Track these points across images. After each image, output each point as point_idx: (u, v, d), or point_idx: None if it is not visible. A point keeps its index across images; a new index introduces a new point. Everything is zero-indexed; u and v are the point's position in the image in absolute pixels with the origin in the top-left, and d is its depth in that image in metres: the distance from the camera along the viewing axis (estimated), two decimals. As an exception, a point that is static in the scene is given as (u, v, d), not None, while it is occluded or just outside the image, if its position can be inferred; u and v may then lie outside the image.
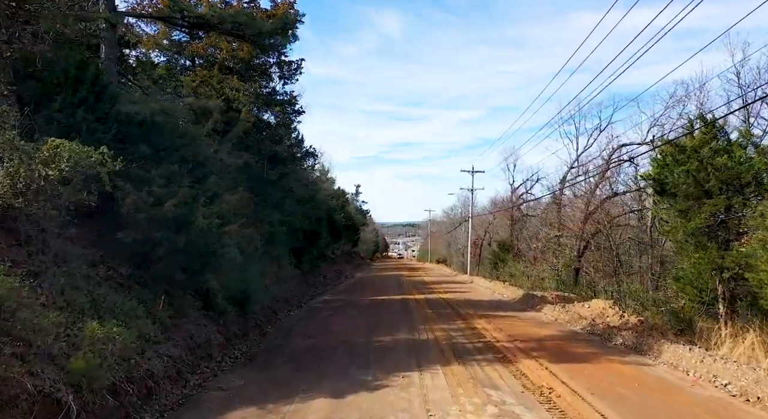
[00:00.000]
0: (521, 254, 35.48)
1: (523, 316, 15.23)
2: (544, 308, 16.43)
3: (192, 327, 8.74)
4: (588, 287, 22.73)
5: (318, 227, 24.57)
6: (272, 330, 12.69)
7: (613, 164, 22.31)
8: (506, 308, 17.47)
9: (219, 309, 10.06)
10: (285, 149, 16.83)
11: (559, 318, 14.62)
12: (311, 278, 25.39)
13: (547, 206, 35.80)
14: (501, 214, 43.65)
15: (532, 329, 12.69)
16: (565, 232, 26.39)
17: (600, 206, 21.58)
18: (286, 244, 17.66)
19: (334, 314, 15.56)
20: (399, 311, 16.32)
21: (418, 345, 10.48)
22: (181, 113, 9.01)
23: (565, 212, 29.31)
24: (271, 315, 14.29)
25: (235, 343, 10.31)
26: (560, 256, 25.80)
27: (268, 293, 14.87)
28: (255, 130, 14.88)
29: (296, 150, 19.00)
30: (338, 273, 34.22)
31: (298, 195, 20.83)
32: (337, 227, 35.86)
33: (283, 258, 17.09)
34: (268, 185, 15.43)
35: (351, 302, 18.66)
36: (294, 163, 18.20)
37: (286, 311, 15.87)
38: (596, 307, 15.43)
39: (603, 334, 11.75)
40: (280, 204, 16.49)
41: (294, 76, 16.46)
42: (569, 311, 15.28)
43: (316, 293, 22.08)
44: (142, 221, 7.52)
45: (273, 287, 15.61)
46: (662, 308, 14.91)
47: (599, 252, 20.81)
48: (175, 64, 14.93)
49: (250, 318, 12.12)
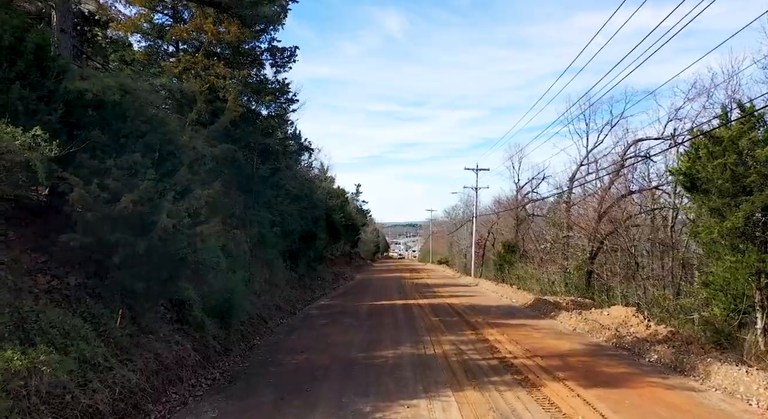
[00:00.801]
0: (527, 255, 34.17)
1: (538, 325, 13.90)
2: (560, 316, 15.10)
3: (160, 346, 7.43)
4: (602, 292, 21.42)
5: (315, 227, 23.26)
6: (261, 343, 11.37)
7: (628, 160, 20.97)
8: (518, 315, 16.15)
9: (196, 322, 8.75)
10: (277, 142, 15.49)
11: (578, 327, 13.30)
12: (308, 282, 24.08)
13: (553, 205, 34.56)
14: (505, 214, 42.35)
15: (550, 341, 11.37)
16: (576, 232, 25.07)
17: (615, 205, 20.23)
18: (278, 246, 16.35)
19: (330, 322, 14.25)
20: (402, 318, 15.01)
21: (424, 362, 9.17)
22: (147, 93, 7.69)
23: (574, 212, 28.01)
24: (261, 324, 12.97)
25: (215, 361, 8.99)
26: (571, 258, 24.48)
27: (258, 301, 13.57)
28: (244, 121, 13.58)
29: (290, 144, 17.63)
30: (337, 275, 32.92)
31: (293, 193, 19.54)
32: (336, 228, 34.59)
33: (276, 261, 15.80)
34: (258, 182, 14.13)
35: (349, 308, 17.35)
36: (287, 157, 16.79)
37: (279, 319, 14.56)
38: (617, 315, 14.12)
39: (633, 348, 10.42)
40: (272, 203, 15.18)
41: (287, 65, 15.14)
42: (588, 320, 13.97)
43: (312, 298, 20.76)
44: (93, 221, 6.20)
45: (263, 293, 14.30)
46: (690, 316, 13.61)
47: (614, 254, 19.48)
48: (157, 49, 13.63)
49: (235, 330, 10.81)
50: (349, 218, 47.61)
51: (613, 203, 20.49)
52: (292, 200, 19.98)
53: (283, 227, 17.06)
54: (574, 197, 27.97)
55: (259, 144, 13.96)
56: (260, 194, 14.36)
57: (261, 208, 14.32)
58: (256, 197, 14.16)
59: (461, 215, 62.10)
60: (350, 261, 52.05)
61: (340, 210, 40.93)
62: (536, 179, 37.61)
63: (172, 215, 6.78)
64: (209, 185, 7.78)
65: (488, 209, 45.13)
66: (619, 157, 21.18)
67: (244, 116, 13.69)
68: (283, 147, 16.13)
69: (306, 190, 22.89)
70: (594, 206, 23.22)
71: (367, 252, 76.82)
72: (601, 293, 21.29)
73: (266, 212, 14.26)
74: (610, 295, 20.21)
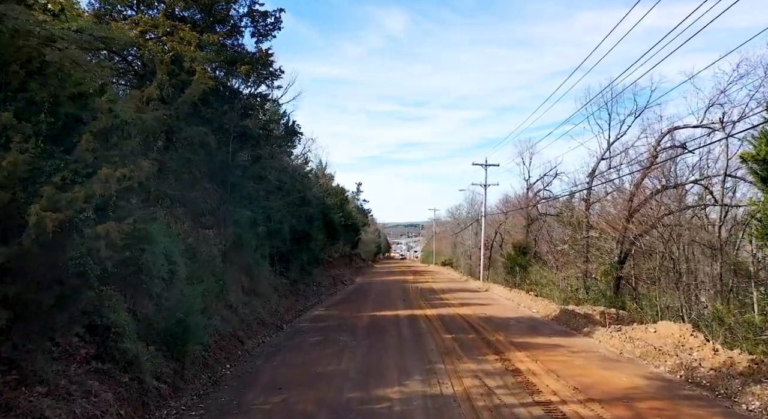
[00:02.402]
0: (540, 257, 31.72)
1: (574, 346, 11.45)
2: (596, 333, 12.65)
3: (56, 404, 5.00)
4: (634, 301, 18.95)
5: (309, 227, 20.85)
6: (230, 374, 8.94)
7: (663, 151, 18.50)
8: (544, 330, 13.69)
9: (126, 358, 6.30)
10: (258, 124, 13.02)
11: (625, 349, 10.83)
12: (301, 287, 21.66)
13: (564, 203, 32.14)
14: (514, 213, 39.89)
15: (600, 372, 8.91)
16: (598, 233, 22.61)
17: (649, 201, 17.75)
18: (262, 248, 13.91)
19: (322, 341, 11.83)
20: (407, 336, 12.57)
21: (442, 411, 6.73)
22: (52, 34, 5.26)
23: (594, 210, 25.55)
24: (236, 345, 10.54)
25: (155, 410, 6.56)
26: (593, 261, 22.01)
27: (233, 315, 11.15)
28: (218, 98, 11.21)
29: (274, 127, 15.13)
30: (335, 279, 30.51)
31: (282, 187, 17.11)
32: (334, 228, 32.17)
33: (259, 266, 13.38)
34: (234, 172, 11.71)
35: (346, 322, 14.91)
36: (271, 144, 14.25)
37: (261, 337, 12.13)
38: (667, 333, 11.66)
39: (713, 386, 7.96)
40: (253, 197, 12.76)
41: (271, 33, 12.71)
42: (633, 339, 11.52)
43: (305, 307, 18.34)
44: None
45: (242, 305, 11.87)
46: (761, 336, 11.15)
47: (651, 257, 17.01)
48: (110, 9, 11.21)
49: (195, 359, 8.37)
50: (349, 217, 45.23)
51: (646, 199, 18.00)
52: (283, 195, 17.57)
53: (269, 227, 14.64)
54: (594, 194, 25.53)
55: (236, 127, 11.55)
56: (238, 187, 11.96)
57: (239, 203, 11.91)
58: (232, 191, 11.76)
59: (465, 215, 59.71)
60: (350, 263, 49.64)
61: (339, 209, 38.56)
62: (548, 175, 35.23)
63: (60, 207, 4.35)
64: (133, 163, 5.32)
65: (494, 208, 42.65)
66: (652, 147, 18.69)
67: (217, 92, 11.29)
68: (266, 131, 13.66)
69: (298, 185, 20.48)
70: (621, 203, 20.75)
71: (368, 253, 74.49)
72: (633, 302, 18.82)
73: (245, 209, 11.83)
74: (644, 305, 17.74)
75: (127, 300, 7.25)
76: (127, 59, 11.73)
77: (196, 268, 9.85)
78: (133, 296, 7.36)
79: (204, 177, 11.63)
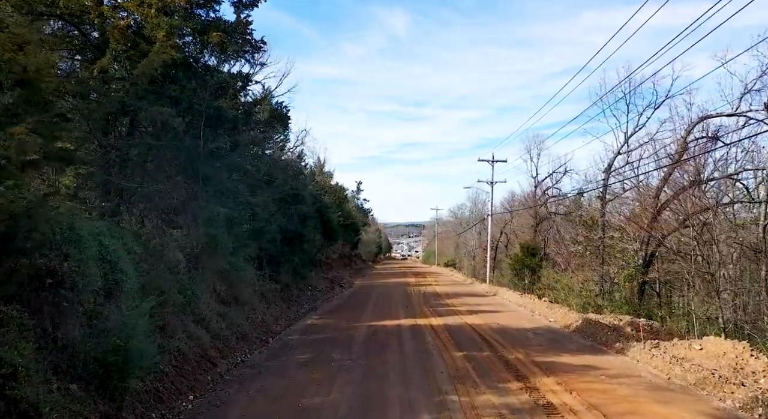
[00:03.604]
0: (550, 259, 29.93)
1: (610, 367, 9.65)
2: (631, 350, 10.84)
3: None
4: (660, 308, 17.15)
5: (302, 226, 19.08)
6: (191, 409, 7.15)
7: (692, 143, 16.68)
8: (569, 346, 11.89)
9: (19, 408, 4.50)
10: (235, 105, 11.17)
11: (673, 373, 9.02)
12: (294, 293, 19.88)
13: (573, 201, 30.38)
14: (521, 212, 38.08)
15: (655, 409, 7.11)
16: (616, 232, 20.81)
17: (680, 196, 15.91)
18: (244, 250, 12.11)
19: (311, 360, 10.06)
20: (412, 353, 10.79)
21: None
22: None
23: (611, 208, 23.76)
24: (205, 369, 8.75)
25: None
26: (612, 264, 20.21)
27: (202, 331, 9.36)
28: (186, 74, 9.45)
29: (258, 111, 13.20)
30: (333, 282, 28.72)
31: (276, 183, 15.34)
32: (331, 227, 30.44)
33: (240, 270, 11.59)
34: (207, 162, 9.92)
35: (341, 334, 13.15)
36: (250, 128, 12.29)
37: (240, 355, 10.35)
38: (717, 352, 9.90)
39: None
40: (230, 192, 10.96)
41: (256, 4, 10.94)
42: (677, 358, 9.73)
43: (297, 315, 16.56)
44: None
45: (215, 318, 10.08)
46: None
47: (683, 260, 15.19)
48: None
49: (142, 394, 6.59)
50: (348, 216, 43.53)
51: (676, 194, 16.16)
52: (273, 191, 15.80)
53: (253, 226, 12.87)
54: (610, 191, 23.73)
55: (208, 108, 9.77)
56: (212, 180, 10.18)
57: (214, 198, 10.14)
58: (205, 183, 10.00)
59: (468, 215, 57.90)
60: (349, 264, 47.87)
61: (338, 208, 36.84)
62: (557, 172, 33.42)
63: None
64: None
65: (499, 207, 40.77)
66: (682, 138, 16.87)
67: (187, 67, 9.51)
68: (245, 113, 11.82)
69: (291, 181, 18.70)
70: (645, 199, 18.95)
71: (368, 253, 72.83)
72: (659, 310, 17.03)
73: (220, 205, 10.03)
74: (676, 314, 15.95)
75: (43, 323, 5.47)
76: (82, 30, 9.95)
77: (155, 276, 8.07)
78: (53, 318, 5.58)
79: (172, 167, 9.85)
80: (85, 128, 8.50)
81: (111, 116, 9.29)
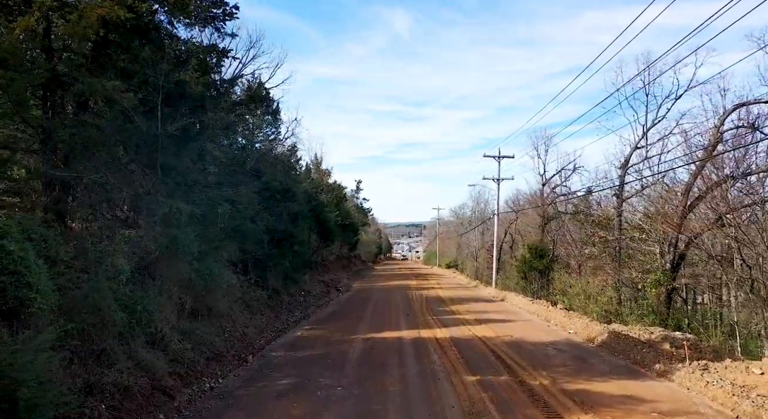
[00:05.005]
0: (560, 260, 28.19)
1: (657, 398, 7.90)
2: (676, 374, 9.10)
3: None
4: (689, 317, 15.41)
5: (293, 226, 17.33)
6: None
7: (727, 132, 14.93)
8: (600, 366, 10.12)
9: None
10: (204, 81, 9.31)
11: (740, 409, 7.28)
12: (285, 299, 18.15)
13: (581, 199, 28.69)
14: (527, 211, 36.32)
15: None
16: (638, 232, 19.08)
17: (713, 192, 14.13)
18: (215, 252, 10.33)
19: (294, 387, 8.31)
20: (416, 379, 9.03)
21: None
22: None
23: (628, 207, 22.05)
24: (156, 405, 6.98)
25: None
26: (633, 267, 18.46)
27: (158, 355, 7.60)
28: (140, 40, 7.71)
29: (228, 87, 11.32)
30: (329, 286, 26.94)
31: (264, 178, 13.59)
32: (328, 227, 28.72)
33: (212, 276, 9.81)
34: (167, 148, 8.15)
35: (333, 349, 11.40)
36: (219, 107, 10.34)
37: (209, 380, 8.59)
38: (785, 377, 8.16)
39: None
40: (197, 184, 9.20)
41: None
42: (737, 386, 8.03)
43: (286, 325, 14.81)
44: None
45: (177, 337, 8.31)
46: None
47: (723, 264, 13.44)
48: None
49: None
50: (347, 216, 41.78)
51: (711, 188, 14.38)
52: (256, 185, 14.06)
53: (231, 225, 11.12)
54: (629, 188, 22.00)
55: (168, 83, 8.02)
56: (173, 170, 8.43)
57: (175, 192, 8.39)
58: (165, 174, 8.25)
59: (470, 215, 56.11)
60: (348, 265, 46.12)
61: (336, 207, 35.14)
62: (566, 169, 31.68)
63: None
64: None
65: (503, 206, 38.96)
66: (715, 127, 15.10)
67: (138, 30, 7.74)
68: (215, 88, 9.98)
69: (280, 176, 16.95)
70: (669, 195, 17.22)
71: (368, 254, 71.14)
72: (686, 319, 15.28)
73: (183, 200, 8.27)
74: (707, 324, 14.21)
75: None
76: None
77: (89, 290, 6.33)
78: None
79: (127, 154, 8.10)
80: (6, 105, 6.76)
81: (48, 91, 7.55)
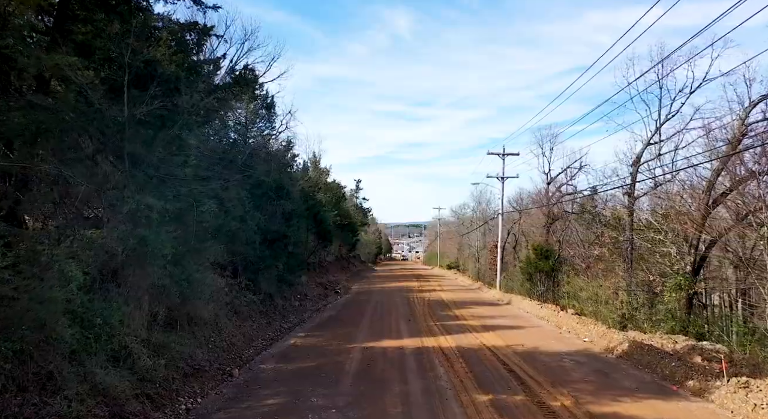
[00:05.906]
0: (567, 262, 27.15)
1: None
2: (715, 393, 8.07)
3: None
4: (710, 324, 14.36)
5: (287, 226, 16.29)
6: None
7: (755, 125, 13.89)
8: (624, 382, 9.08)
9: None
10: (172, 57, 8.22)
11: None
12: (279, 303, 17.09)
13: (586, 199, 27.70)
14: (531, 211, 35.31)
15: None
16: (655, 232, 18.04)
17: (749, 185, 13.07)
18: (199, 255, 9.30)
19: (281, 409, 7.27)
20: (419, 396, 7.98)
21: None
22: None
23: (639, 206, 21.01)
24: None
25: None
26: (649, 270, 17.42)
27: (125, 375, 6.55)
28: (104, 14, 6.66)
29: (206, 67, 10.21)
30: (326, 288, 25.90)
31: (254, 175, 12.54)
32: (326, 228, 27.71)
33: (191, 283, 8.78)
34: (134, 134, 7.10)
35: (328, 360, 10.35)
36: (194, 85, 9.16)
37: (187, 401, 7.54)
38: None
39: None
40: (171, 177, 8.16)
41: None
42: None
43: (279, 332, 13.78)
44: None
45: (147, 352, 7.26)
46: None
47: (751, 267, 12.41)
48: None
49: None
50: (346, 216, 40.76)
51: (738, 183, 13.33)
52: (246, 182, 13.02)
53: (216, 225, 10.08)
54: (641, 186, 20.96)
55: (136, 60, 6.99)
56: (143, 161, 7.39)
57: (146, 186, 7.35)
58: (133, 166, 7.22)
59: (471, 215, 55.06)
60: (347, 266, 45.07)
61: (334, 207, 34.05)
62: (572, 168, 30.63)
63: None
64: None
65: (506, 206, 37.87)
66: (740, 119, 14.06)
67: (104, 2, 6.69)
68: (190, 65, 8.88)
69: (274, 173, 15.92)
70: (687, 193, 16.19)
71: (368, 254, 70.17)
72: (706, 325, 14.24)
73: (155, 196, 7.22)
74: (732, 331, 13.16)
75: None
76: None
77: (30, 302, 5.29)
78: None
79: (91, 143, 7.06)
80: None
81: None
